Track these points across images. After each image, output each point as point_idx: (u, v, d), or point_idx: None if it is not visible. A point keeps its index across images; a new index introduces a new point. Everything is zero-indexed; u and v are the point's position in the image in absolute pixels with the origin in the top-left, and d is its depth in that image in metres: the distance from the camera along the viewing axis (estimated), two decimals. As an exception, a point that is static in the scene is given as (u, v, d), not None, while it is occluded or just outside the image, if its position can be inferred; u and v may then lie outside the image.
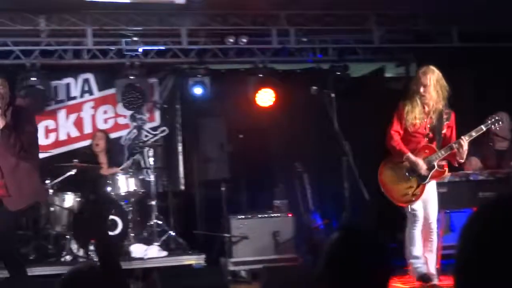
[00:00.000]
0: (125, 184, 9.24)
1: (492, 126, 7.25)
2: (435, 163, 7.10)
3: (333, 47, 10.37)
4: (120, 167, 9.40)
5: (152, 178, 9.51)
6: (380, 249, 2.71)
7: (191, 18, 9.85)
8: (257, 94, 10.08)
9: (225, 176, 9.97)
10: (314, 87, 7.71)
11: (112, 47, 9.79)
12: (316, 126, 7.58)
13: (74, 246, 8.81)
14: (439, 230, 7.75)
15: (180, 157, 10.44)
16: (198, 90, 9.99)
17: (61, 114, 10.18)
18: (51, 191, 8.99)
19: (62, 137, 10.18)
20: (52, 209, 8.98)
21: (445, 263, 7.97)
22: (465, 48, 10.33)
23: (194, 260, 9.00)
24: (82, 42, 9.75)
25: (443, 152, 7.08)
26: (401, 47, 10.59)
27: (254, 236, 9.15)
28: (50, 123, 10.12)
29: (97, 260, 4.14)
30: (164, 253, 9.05)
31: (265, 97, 10.11)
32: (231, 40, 9.92)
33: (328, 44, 10.36)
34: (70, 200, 9.02)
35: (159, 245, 9.13)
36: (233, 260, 9.09)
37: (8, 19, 9.27)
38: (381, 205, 9.67)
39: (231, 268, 8.90)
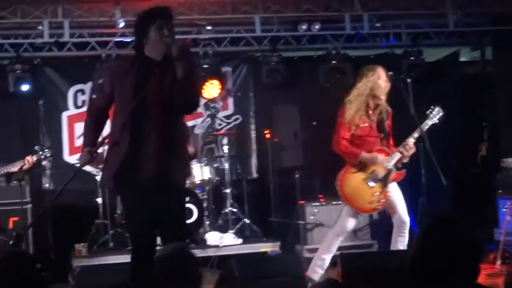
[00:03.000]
0: (200, 172, 9.30)
1: (436, 120, 7.06)
2: (392, 167, 6.98)
3: (407, 32, 10.25)
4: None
5: (226, 166, 9.57)
6: (471, 236, 2.83)
7: (264, 5, 9.84)
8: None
9: (298, 163, 9.95)
10: (390, 73, 7.62)
11: (186, 37, 9.85)
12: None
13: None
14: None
15: (254, 145, 10.46)
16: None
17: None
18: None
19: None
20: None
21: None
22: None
23: (269, 247, 9.06)
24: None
25: (397, 155, 6.94)
26: (477, 30, 10.38)
27: (329, 223, 9.12)
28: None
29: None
30: (239, 241, 9.12)
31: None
32: (304, 27, 9.88)
33: (402, 29, 10.24)
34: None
35: (234, 233, 9.20)
36: (308, 247, 9.09)
37: (84, 11, 9.43)
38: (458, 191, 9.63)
39: (306, 255, 8.87)
